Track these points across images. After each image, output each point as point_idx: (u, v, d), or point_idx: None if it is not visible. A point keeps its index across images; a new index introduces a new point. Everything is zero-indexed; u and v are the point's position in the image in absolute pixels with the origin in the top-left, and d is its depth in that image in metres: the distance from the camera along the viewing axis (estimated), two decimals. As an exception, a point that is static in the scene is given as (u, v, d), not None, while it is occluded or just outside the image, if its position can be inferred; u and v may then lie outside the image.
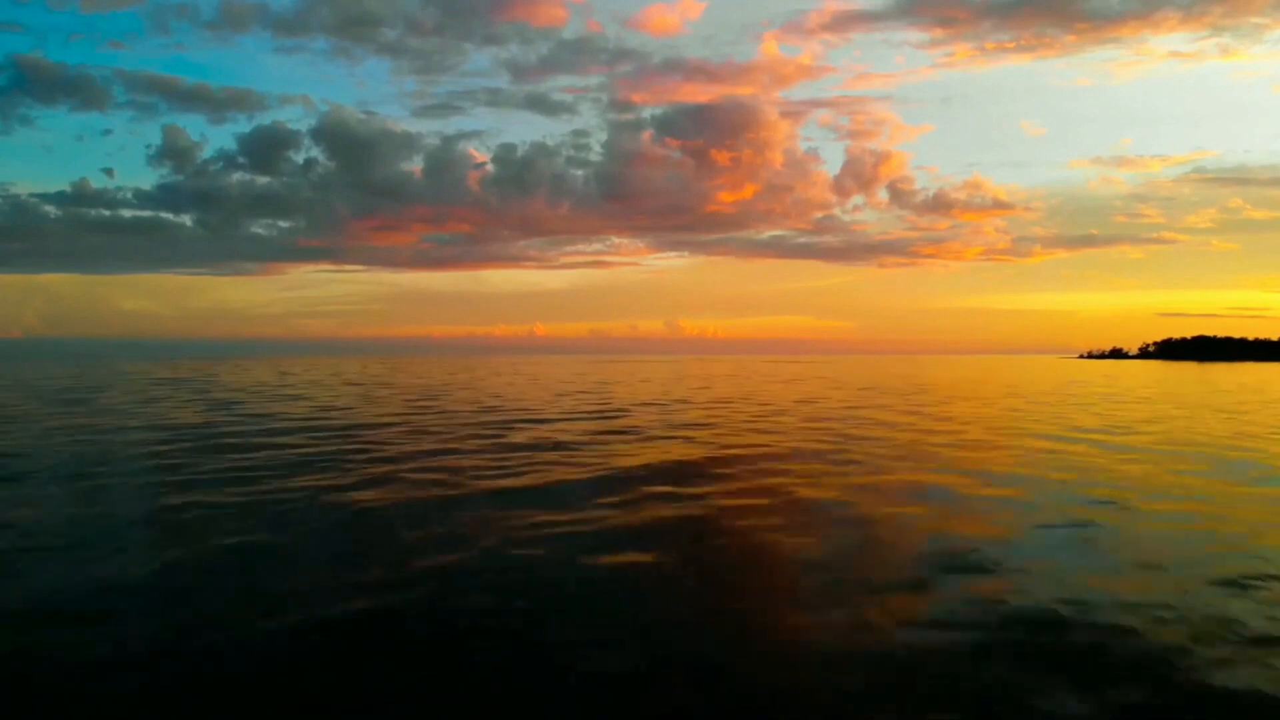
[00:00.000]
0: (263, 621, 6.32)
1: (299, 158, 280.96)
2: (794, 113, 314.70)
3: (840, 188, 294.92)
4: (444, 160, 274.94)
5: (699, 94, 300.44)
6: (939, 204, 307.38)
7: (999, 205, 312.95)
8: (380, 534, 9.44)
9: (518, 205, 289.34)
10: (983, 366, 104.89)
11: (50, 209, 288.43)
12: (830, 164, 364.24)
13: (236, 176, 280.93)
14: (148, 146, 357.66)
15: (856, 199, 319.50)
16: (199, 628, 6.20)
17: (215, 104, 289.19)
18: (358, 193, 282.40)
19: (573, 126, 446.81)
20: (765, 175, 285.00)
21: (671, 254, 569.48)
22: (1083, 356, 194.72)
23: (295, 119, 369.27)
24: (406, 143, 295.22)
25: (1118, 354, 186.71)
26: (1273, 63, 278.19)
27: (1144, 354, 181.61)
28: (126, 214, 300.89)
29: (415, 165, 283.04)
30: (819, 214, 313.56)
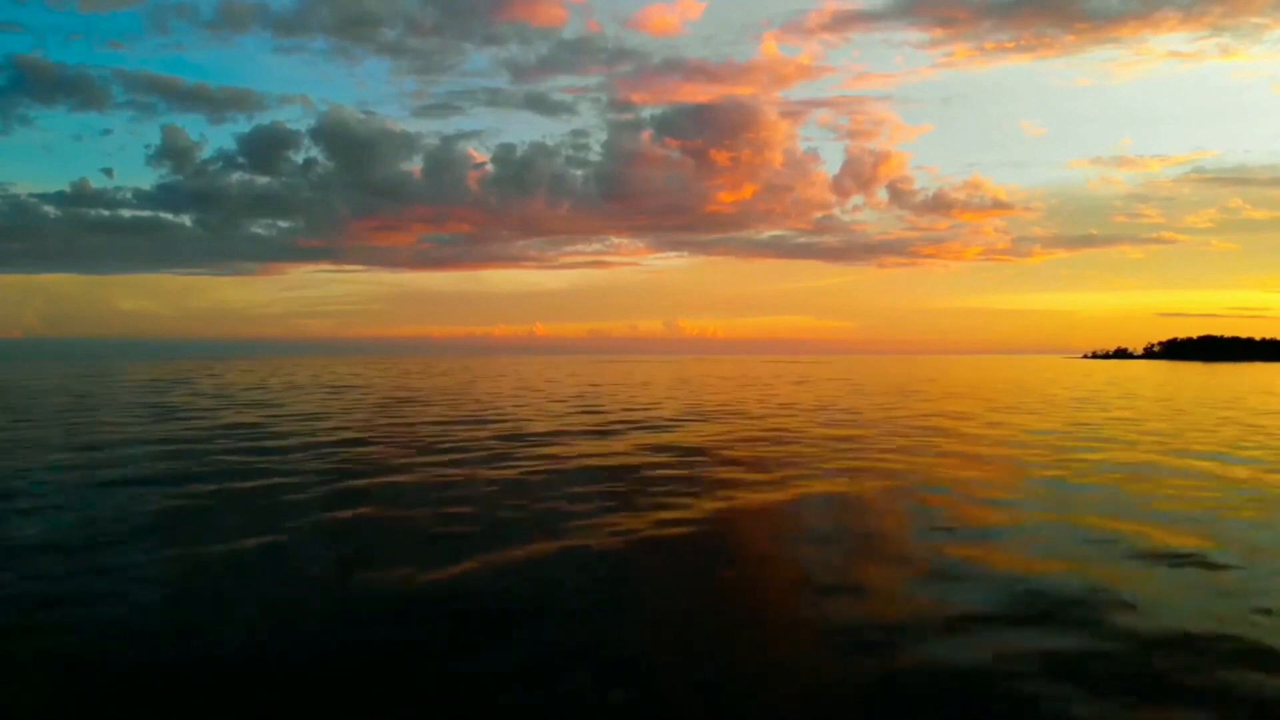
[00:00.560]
0: None
1: (298, 158, 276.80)
2: (794, 113, 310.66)
3: (840, 188, 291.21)
4: (443, 160, 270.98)
5: (699, 94, 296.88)
6: (939, 204, 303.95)
7: (999, 205, 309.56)
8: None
9: (517, 205, 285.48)
10: (993, 367, 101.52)
11: (50, 209, 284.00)
12: (830, 164, 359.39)
13: (236, 176, 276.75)
14: (147, 146, 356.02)
15: (856, 199, 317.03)
16: None
17: (215, 104, 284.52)
18: (357, 193, 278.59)
19: (572, 126, 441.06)
20: (765, 175, 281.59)
21: (671, 254, 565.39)
22: (1087, 356, 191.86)
23: (295, 119, 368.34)
24: (406, 143, 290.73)
25: (1122, 354, 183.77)
26: (1273, 63, 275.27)
27: (1149, 354, 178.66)
28: (126, 214, 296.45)
29: (415, 165, 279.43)
30: (819, 214, 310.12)
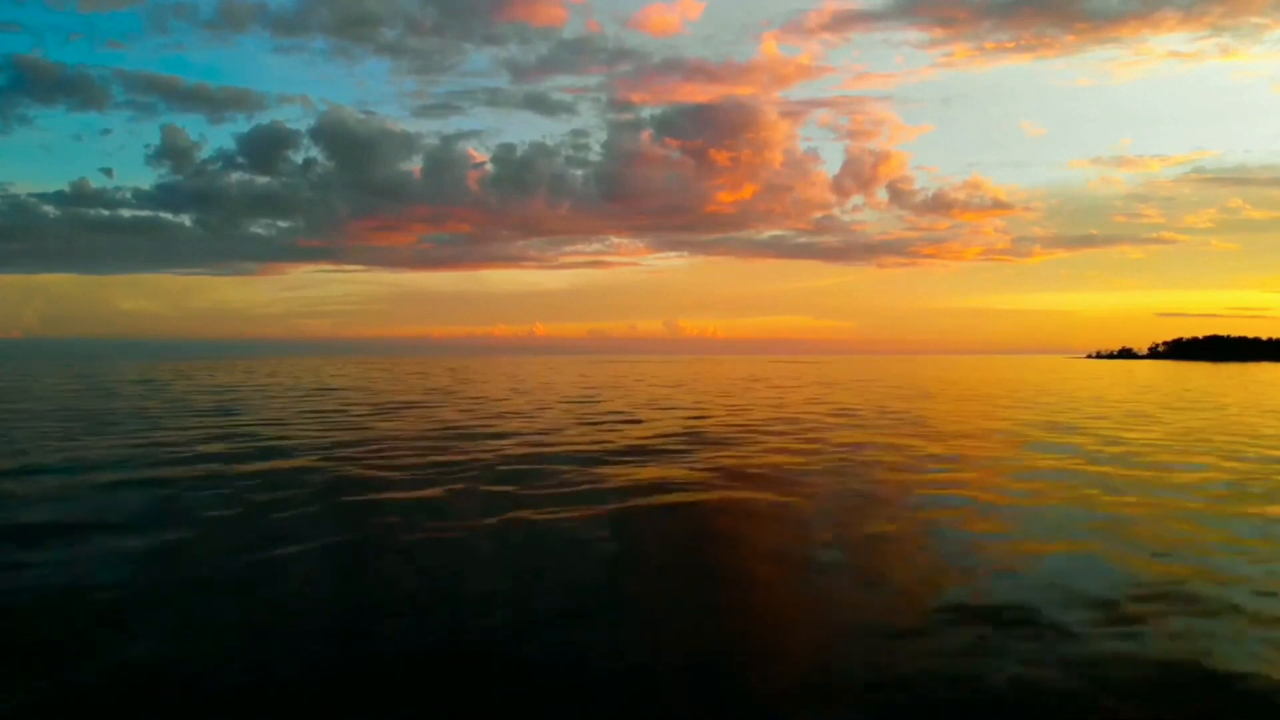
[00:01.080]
0: None
1: (298, 157, 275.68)
2: (793, 113, 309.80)
3: (840, 188, 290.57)
4: (443, 160, 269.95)
5: (698, 94, 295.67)
6: (938, 204, 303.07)
7: (998, 205, 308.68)
8: None
9: (517, 205, 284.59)
10: (1002, 367, 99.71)
11: (49, 209, 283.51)
12: (830, 164, 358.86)
13: (235, 176, 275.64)
14: (146, 146, 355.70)
15: (856, 199, 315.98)
16: None
17: (214, 104, 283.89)
18: (357, 193, 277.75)
19: (572, 126, 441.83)
20: (765, 175, 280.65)
21: (671, 254, 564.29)
22: (1091, 356, 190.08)
23: (294, 119, 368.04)
24: (406, 143, 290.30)
25: (1127, 354, 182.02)
26: (1273, 63, 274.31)
27: (1154, 354, 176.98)
28: (125, 214, 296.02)
29: (415, 165, 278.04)
30: (818, 214, 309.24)
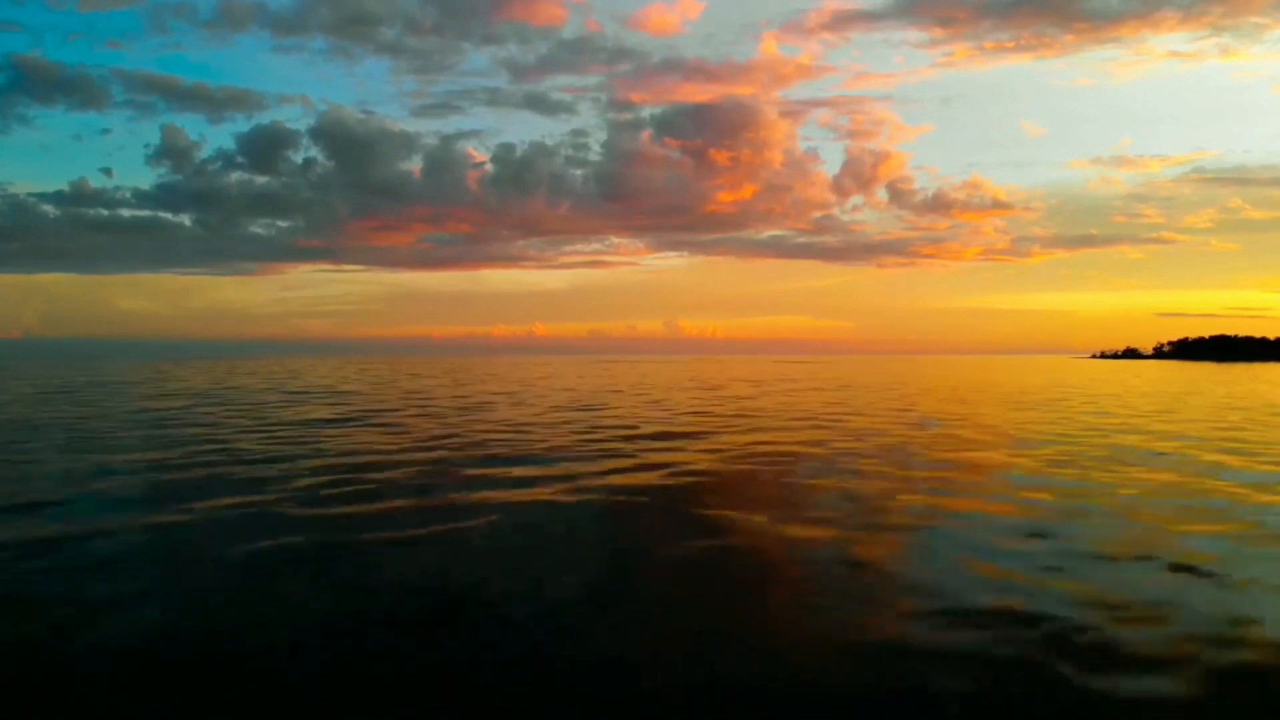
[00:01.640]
0: None
1: (298, 157, 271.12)
2: (793, 112, 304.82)
3: (839, 188, 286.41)
4: (443, 160, 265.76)
5: (698, 94, 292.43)
6: (938, 204, 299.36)
7: (998, 205, 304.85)
8: None
9: (517, 205, 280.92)
10: (1006, 368, 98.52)
11: (48, 209, 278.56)
12: (829, 164, 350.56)
13: (235, 176, 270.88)
14: (146, 146, 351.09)
15: (856, 199, 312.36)
16: None
17: (214, 103, 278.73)
18: (357, 192, 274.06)
19: (572, 126, 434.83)
20: (764, 175, 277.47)
21: (671, 254, 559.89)
22: (1095, 356, 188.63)
23: (294, 118, 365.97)
24: (405, 142, 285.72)
25: (1132, 354, 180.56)
26: (1273, 63, 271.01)
27: (1159, 354, 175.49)
28: (125, 214, 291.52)
29: (414, 165, 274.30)
30: (818, 214, 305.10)
